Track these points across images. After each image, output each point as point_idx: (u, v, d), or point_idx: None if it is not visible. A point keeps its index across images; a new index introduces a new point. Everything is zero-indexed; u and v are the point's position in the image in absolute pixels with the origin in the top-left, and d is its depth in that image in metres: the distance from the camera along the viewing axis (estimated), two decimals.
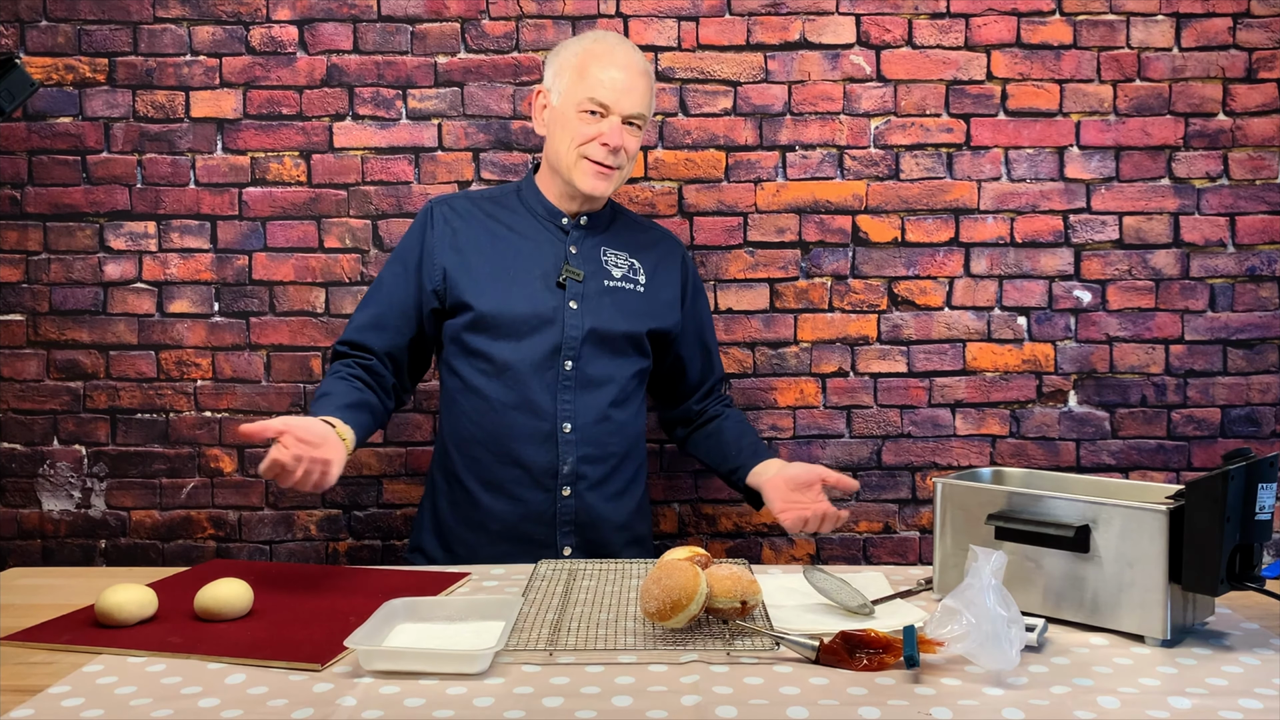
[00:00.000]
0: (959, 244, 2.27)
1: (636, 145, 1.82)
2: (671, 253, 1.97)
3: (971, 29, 2.25)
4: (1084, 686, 1.15)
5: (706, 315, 2.03)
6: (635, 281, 1.88)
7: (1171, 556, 1.26)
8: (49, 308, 2.28)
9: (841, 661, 1.20)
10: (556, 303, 1.81)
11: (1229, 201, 2.26)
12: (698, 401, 2.00)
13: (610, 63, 1.78)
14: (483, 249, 1.83)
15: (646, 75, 1.82)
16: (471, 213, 1.87)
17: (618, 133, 1.76)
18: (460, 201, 1.90)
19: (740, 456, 1.89)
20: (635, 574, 1.57)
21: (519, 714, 1.07)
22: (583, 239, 1.87)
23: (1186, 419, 2.28)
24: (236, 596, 1.37)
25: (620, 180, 1.84)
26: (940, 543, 1.45)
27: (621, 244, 1.91)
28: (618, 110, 1.77)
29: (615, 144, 1.76)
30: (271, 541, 2.30)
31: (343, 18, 2.26)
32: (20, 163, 2.27)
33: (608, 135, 1.76)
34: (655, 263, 1.92)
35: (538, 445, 1.79)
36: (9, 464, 2.29)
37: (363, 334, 1.82)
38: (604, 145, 1.76)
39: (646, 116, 1.83)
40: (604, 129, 1.76)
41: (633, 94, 1.78)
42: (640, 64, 1.82)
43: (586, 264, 1.85)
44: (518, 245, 1.84)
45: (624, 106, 1.77)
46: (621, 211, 1.98)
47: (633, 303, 1.86)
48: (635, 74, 1.79)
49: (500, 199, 1.91)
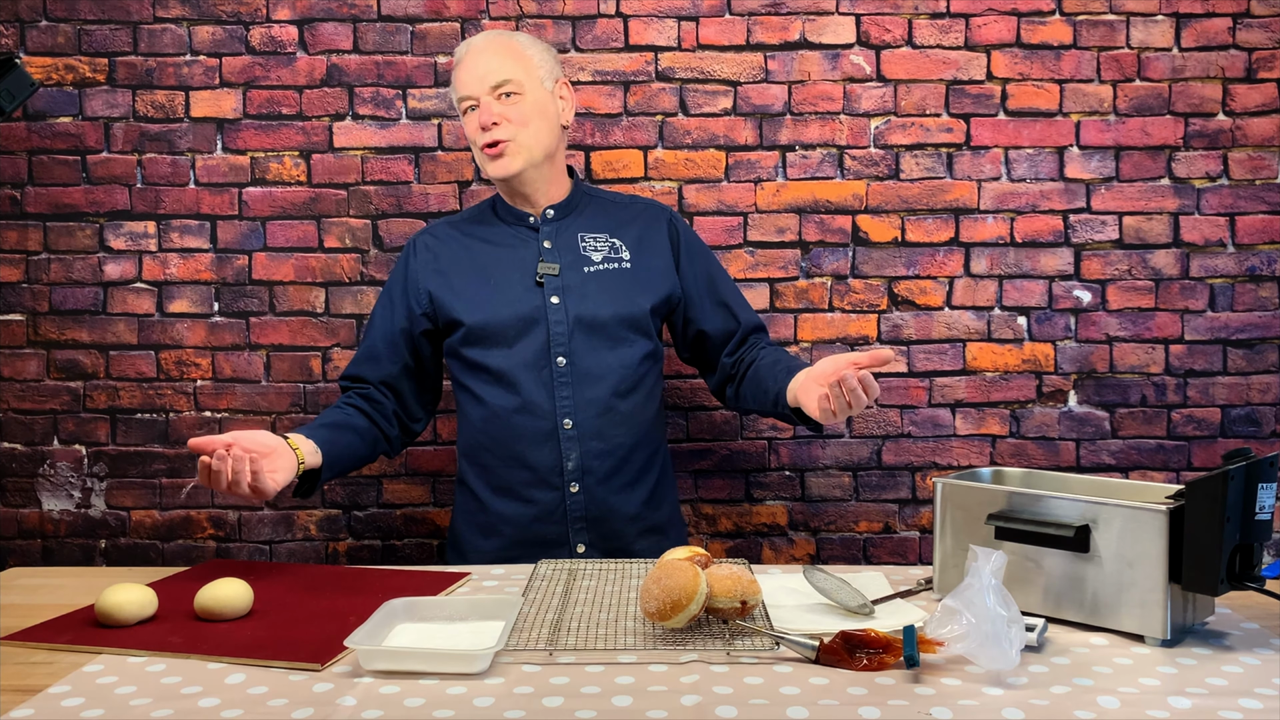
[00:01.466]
0: (959, 244, 2.27)
1: (525, 110, 1.79)
2: (655, 221, 1.93)
3: (971, 29, 2.25)
4: (1084, 686, 1.15)
5: (715, 270, 1.95)
6: (619, 260, 1.86)
7: (1171, 556, 1.26)
8: (49, 308, 2.28)
9: (841, 661, 1.20)
10: (538, 301, 1.81)
11: (1229, 201, 2.26)
12: (729, 355, 1.92)
13: (467, 60, 1.82)
14: (463, 266, 1.86)
15: (493, 45, 1.81)
16: (450, 235, 1.91)
17: (486, 111, 1.78)
18: (440, 228, 1.93)
19: (776, 384, 1.75)
20: (635, 574, 1.57)
21: (519, 714, 1.07)
22: (555, 231, 1.87)
23: (1186, 419, 2.28)
24: (236, 596, 1.37)
25: (530, 150, 1.80)
26: (940, 543, 1.44)
27: (599, 225, 1.89)
28: (479, 92, 1.79)
29: (485, 121, 1.78)
30: (271, 541, 2.30)
31: (343, 18, 2.26)
32: (20, 163, 2.27)
33: (480, 118, 1.78)
34: (639, 236, 1.90)
35: (540, 445, 1.79)
36: (9, 464, 2.29)
37: (358, 367, 1.89)
38: (482, 128, 1.79)
39: (521, 78, 1.79)
40: (478, 116, 1.79)
41: (484, 70, 1.79)
42: (485, 41, 1.83)
43: (564, 255, 1.84)
44: (495, 254, 1.86)
45: (480, 86, 1.79)
46: (596, 194, 1.96)
47: (620, 282, 1.84)
48: (479, 52, 1.81)
49: (477, 217, 1.93)
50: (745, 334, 1.93)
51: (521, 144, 1.79)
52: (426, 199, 2.27)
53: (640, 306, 1.84)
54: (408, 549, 2.31)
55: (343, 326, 2.28)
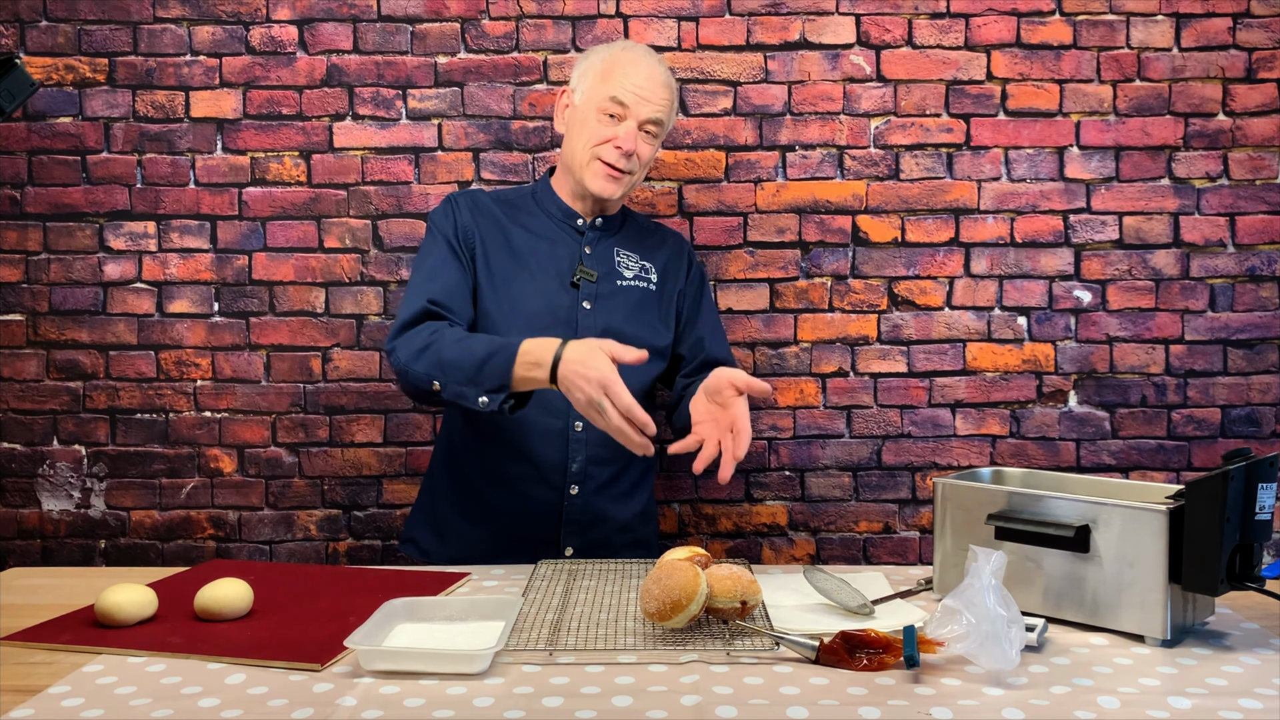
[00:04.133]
0: (959, 244, 2.27)
1: (650, 153, 1.83)
2: (678, 252, 1.98)
3: (971, 29, 2.25)
4: (1084, 686, 1.15)
5: (707, 311, 1.98)
6: (648, 280, 1.90)
7: (1171, 556, 1.26)
8: (49, 308, 2.28)
9: (841, 661, 1.20)
10: (570, 302, 1.81)
11: (1229, 201, 2.26)
12: (684, 377, 1.93)
13: (635, 69, 1.80)
14: (499, 246, 1.84)
15: (669, 88, 1.83)
16: (491, 210, 1.87)
17: (632, 136, 1.77)
18: (481, 198, 1.89)
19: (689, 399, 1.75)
20: (635, 574, 1.57)
21: (519, 714, 1.07)
22: (598, 240, 1.88)
23: (1186, 419, 2.28)
24: (236, 596, 1.37)
25: (631, 186, 1.84)
26: (940, 543, 1.45)
27: (633, 245, 1.92)
28: (636, 114, 1.78)
29: (629, 148, 1.77)
30: (271, 541, 2.30)
31: (343, 18, 2.26)
32: (20, 163, 2.27)
33: (622, 139, 1.77)
34: (665, 262, 1.94)
35: (549, 441, 1.79)
36: (9, 464, 2.29)
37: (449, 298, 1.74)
38: (617, 148, 1.77)
39: (665, 126, 1.84)
40: (619, 132, 1.77)
41: (653, 101, 1.79)
42: (665, 76, 1.83)
43: (600, 265, 1.86)
44: (533, 244, 1.85)
45: (643, 111, 1.78)
46: (631, 214, 1.99)
47: (646, 301, 1.88)
48: (658, 84, 1.81)
49: (516, 201, 1.91)
50: (705, 363, 1.92)
51: (633, 181, 1.84)
52: (426, 199, 2.27)
53: (664, 339, 1.88)
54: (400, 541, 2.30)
55: (343, 326, 2.28)
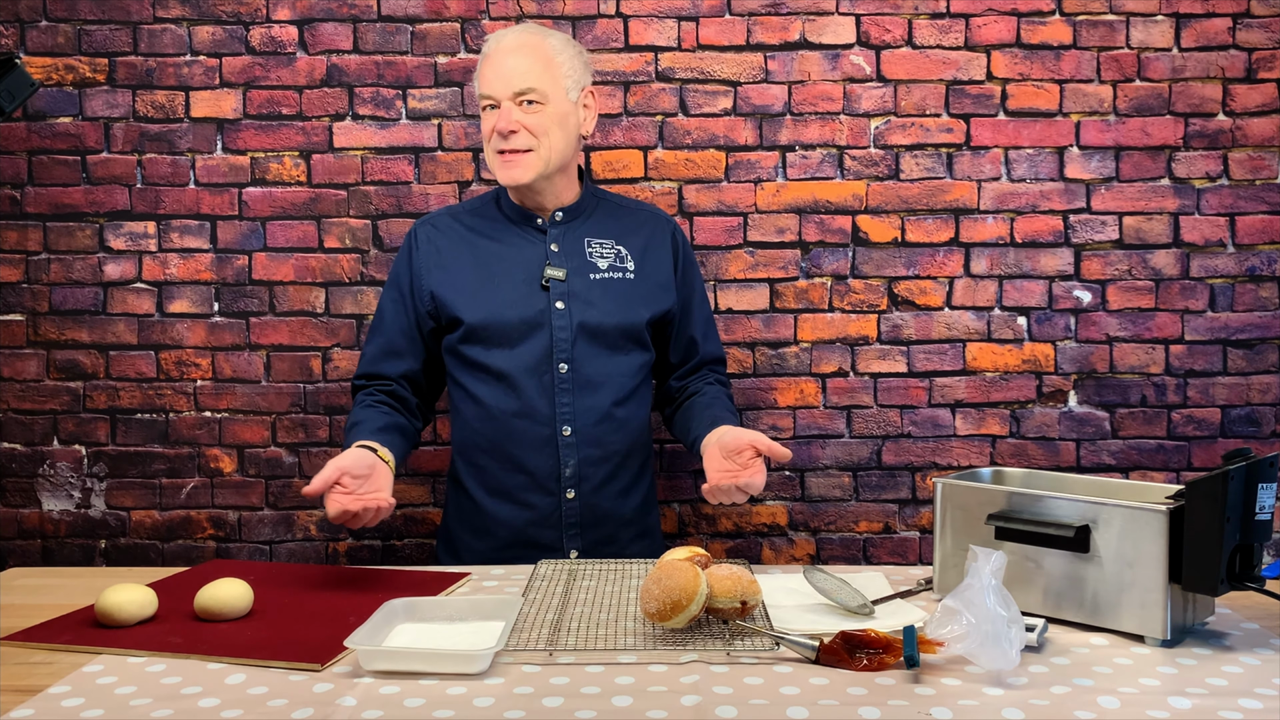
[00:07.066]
0: (959, 244, 2.27)
1: (544, 122, 1.75)
2: (660, 232, 1.92)
3: (971, 29, 2.25)
4: (1084, 686, 1.15)
5: (698, 292, 1.95)
6: (623, 270, 1.85)
7: (1171, 556, 1.26)
8: (49, 308, 2.28)
9: (841, 661, 1.20)
10: (543, 305, 1.80)
11: (1229, 201, 2.26)
12: (678, 379, 1.94)
13: (492, 56, 1.77)
14: (466, 262, 1.83)
15: (524, 48, 1.76)
16: (453, 228, 1.87)
17: (505, 117, 1.74)
18: (441, 219, 1.90)
19: (697, 430, 1.78)
20: (635, 574, 1.57)
21: (519, 714, 1.07)
22: (563, 234, 1.85)
23: (1186, 419, 2.28)
24: (236, 596, 1.37)
25: (545, 161, 1.77)
26: (940, 543, 1.44)
27: (606, 232, 1.87)
28: (502, 95, 1.74)
29: (503, 128, 1.74)
30: (271, 541, 2.30)
31: (343, 18, 2.26)
32: (20, 163, 2.27)
33: (498, 123, 1.74)
34: (643, 246, 1.89)
35: (538, 450, 1.79)
36: (9, 464, 2.29)
37: (376, 364, 1.85)
38: (499, 133, 1.75)
39: (540, 87, 1.75)
40: (496, 119, 1.75)
41: (510, 75, 1.74)
42: (517, 40, 1.77)
43: (570, 259, 1.83)
44: (499, 253, 1.84)
45: (505, 90, 1.74)
46: (604, 197, 1.94)
47: (624, 292, 1.84)
48: (508, 52, 1.76)
49: (480, 210, 1.90)
50: (700, 363, 1.94)
51: (537, 155, 1.76)
52: (426, 199, 2.27)
53: (640, 317, 1.84)
54: (408, 549, 2.31)
55: (343, 327, 2.28)
